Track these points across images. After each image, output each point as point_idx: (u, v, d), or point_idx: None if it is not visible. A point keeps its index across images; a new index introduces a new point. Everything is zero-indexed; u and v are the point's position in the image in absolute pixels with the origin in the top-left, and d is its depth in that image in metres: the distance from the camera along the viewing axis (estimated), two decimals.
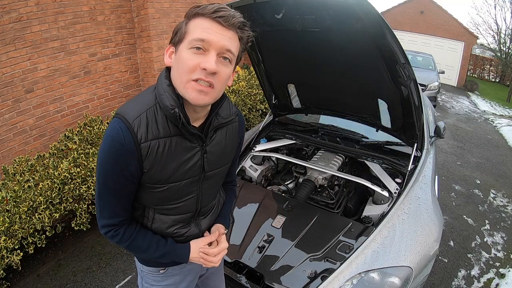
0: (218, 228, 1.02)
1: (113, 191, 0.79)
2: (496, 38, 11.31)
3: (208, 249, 0.94)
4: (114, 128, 0.73)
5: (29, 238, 2.07)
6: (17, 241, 1.99)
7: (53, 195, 2.15)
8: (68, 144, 2.59)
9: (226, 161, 0.96)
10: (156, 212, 0.88)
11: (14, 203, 2.04)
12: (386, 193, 1.76)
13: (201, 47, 0.71)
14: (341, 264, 1.39)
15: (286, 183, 2.15)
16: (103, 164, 0.76)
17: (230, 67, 0.76)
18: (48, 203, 2.13)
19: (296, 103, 2.41)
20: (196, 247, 0.94)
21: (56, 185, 2.19)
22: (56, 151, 2.51)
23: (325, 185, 2.07)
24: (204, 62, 0.70)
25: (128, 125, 0.73)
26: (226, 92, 4.04)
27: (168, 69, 0.80)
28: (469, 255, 2.54)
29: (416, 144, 1.89)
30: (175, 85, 0.76)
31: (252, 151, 2.23)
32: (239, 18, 0.73)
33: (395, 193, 1.76)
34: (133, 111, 0.75)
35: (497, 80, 13.83)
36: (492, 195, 3.58)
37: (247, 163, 2.21)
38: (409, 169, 1.82)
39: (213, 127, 0.85)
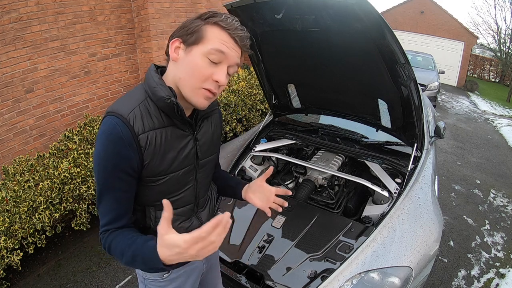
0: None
1: (115, 191, 0.76)
2: (496, 38, 11.34)
3: (201, 232, 0.62)
4: (109, 125, 0.73)
5: (29, 238, 2.06)
6: (17, 241, 1.99)
7: (53, 195, 2.15)
8: (68, 144, 2.59)
9: (215, 149, 1.01)
10: (157, 209, 0.86)
11: (14, 203, 2.04)
12: (386, 193, 1.76)
13: (217, 58, 0.75)
14: (341, 264, 1.39)
15: (286, 183, 2.15)
16: (102, 164, 0.74)
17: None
18: (48, 203, 2.13)
19: (296, 103, 2.41)
20: (165, 243, 0.66)
21: (56, 185, 2.19)
22: (56, 151, 2.52)
23: (325, 185, 2.07)
24: (217, 74, 0.76)
25: (124, 119, 0.73)
26: (226, 92, 4.00)
27: (157, 66, 0.85)
28: (469, 255, 2.54)
29: (416, 144, 1.89)
30: (181, 85, 0.78)
31: (252, 151, 2.23)
32: (249, 40, 0.80)
33: (395, 193, 1.76)
34: (126, 107, 0.75)
35: (497, 80, 13.84)
36: (492, 195, 3.58)
37: (247, 163, 2.21)
38: (409, 169, 1.82)
39: (201, 116, 0.90)
